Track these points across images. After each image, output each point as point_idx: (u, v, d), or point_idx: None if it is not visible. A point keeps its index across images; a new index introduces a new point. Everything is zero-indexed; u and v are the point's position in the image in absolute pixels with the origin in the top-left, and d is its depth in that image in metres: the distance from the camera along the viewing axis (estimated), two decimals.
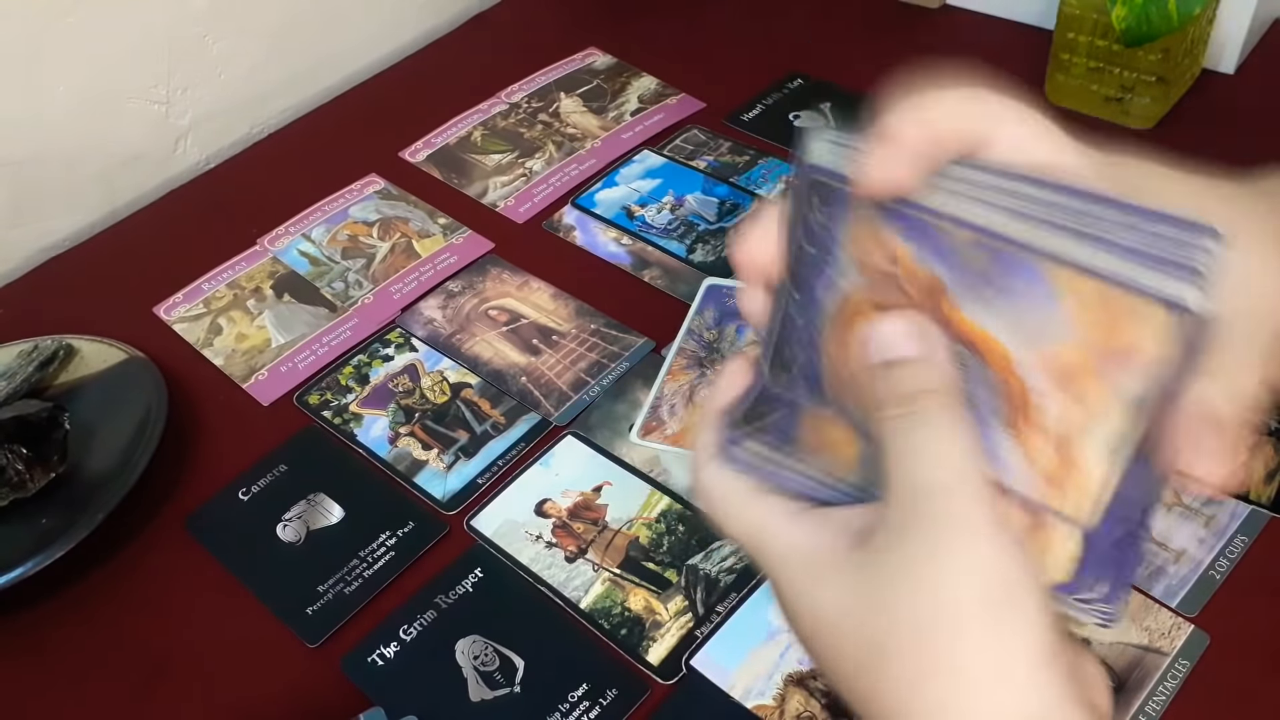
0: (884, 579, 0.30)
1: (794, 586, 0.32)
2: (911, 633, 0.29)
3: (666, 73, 0.93)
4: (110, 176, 0.88)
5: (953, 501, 0.29)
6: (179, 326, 0.77)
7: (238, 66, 0.92)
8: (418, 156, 0.88)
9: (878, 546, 0.30)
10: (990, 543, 0.29)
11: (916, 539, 0.30)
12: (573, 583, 0.59)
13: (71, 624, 0.61)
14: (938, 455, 0.30)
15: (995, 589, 0.29)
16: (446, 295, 0.76)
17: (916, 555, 0.29)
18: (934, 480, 0.30)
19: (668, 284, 0.75)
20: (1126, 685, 0.52)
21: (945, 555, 0.29)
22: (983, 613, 0.29)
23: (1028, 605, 0.29)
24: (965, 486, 0.29)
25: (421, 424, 0.68)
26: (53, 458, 0.64)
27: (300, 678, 0.57)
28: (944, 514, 0.29)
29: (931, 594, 0.29)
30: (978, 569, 0.29)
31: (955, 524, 0.29)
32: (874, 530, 0.31)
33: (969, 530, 0.29)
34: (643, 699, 0.54)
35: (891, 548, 0.30)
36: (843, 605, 0.31)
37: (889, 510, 0.31)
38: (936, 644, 0.29)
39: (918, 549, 0.29)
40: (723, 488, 0.35)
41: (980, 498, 0.29)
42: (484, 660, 0.56)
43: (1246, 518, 0.58)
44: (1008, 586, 0.29)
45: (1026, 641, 0.29)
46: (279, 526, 0.64)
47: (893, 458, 0.31)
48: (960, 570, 0.29)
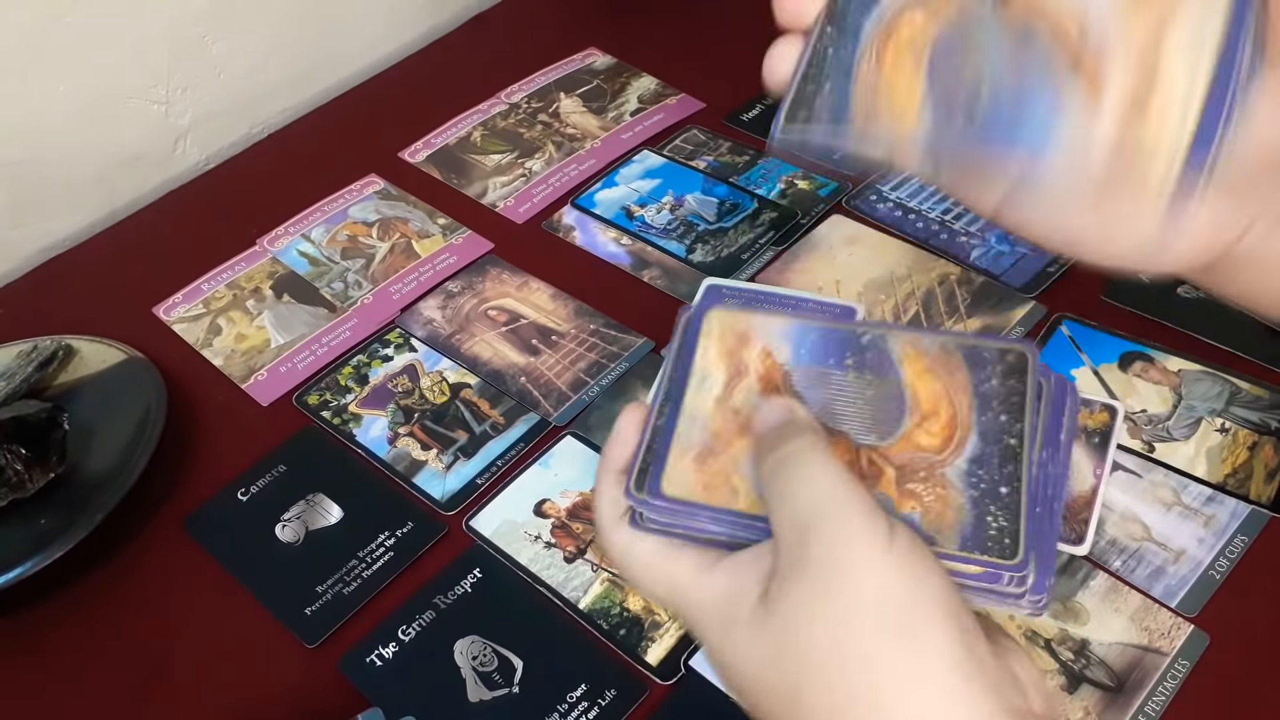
0: (787, 625, 0.30)
1: (713, 639, 0.33)
2: (821, 673, 0.29)
3: (666, 73, 0.93)
4: (110, 177, 0.88)
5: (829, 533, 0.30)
6: (178, 327, 0.77)
7: (238, 66, 0.92)
8: (417, 157, 0.88)
9: (774, 593, 0.31)
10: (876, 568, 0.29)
11: (805, 577, 0.30)
12: (572, 583, 0.59)
13: (70, 624, 0.61)
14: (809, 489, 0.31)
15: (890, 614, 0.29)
16: (446, 295, 0.76)
17: (808, 593, 0.30)
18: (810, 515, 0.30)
19: (667, 284, 0.75)
20: (1126, 685, 0.52)
21: (833, 589, 0.29)
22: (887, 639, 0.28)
23: (931, 623, 0.29)
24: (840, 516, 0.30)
25: (421, 424, 0.68)
26: (52, 458, 0.64)
27: (299, 678, 0.57)
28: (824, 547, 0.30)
29: (825, 629, 0.29)
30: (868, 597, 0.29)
31: (838, 557, 0.29)
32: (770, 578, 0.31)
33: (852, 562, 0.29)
34: (641, 699, 0.54)
35: (786, 593, 0.30)
36: (756, 655, 0.31)
37: (778, 556, 0.31)
38: (848, 680, 0.29)
39: (808, 586, 0.30)
40: (633, 551, 0.35)
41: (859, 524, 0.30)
42: (483, 661, 0.56)
43: (1246, 518, 0.58)
44: (907, 607, 0.29)
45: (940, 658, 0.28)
46: (278, 527, 0.64)
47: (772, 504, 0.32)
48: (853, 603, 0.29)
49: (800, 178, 0.81)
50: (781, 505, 0.31)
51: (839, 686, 0.29)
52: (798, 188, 0.80)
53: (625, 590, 0.58)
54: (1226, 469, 0.60)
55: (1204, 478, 0.60)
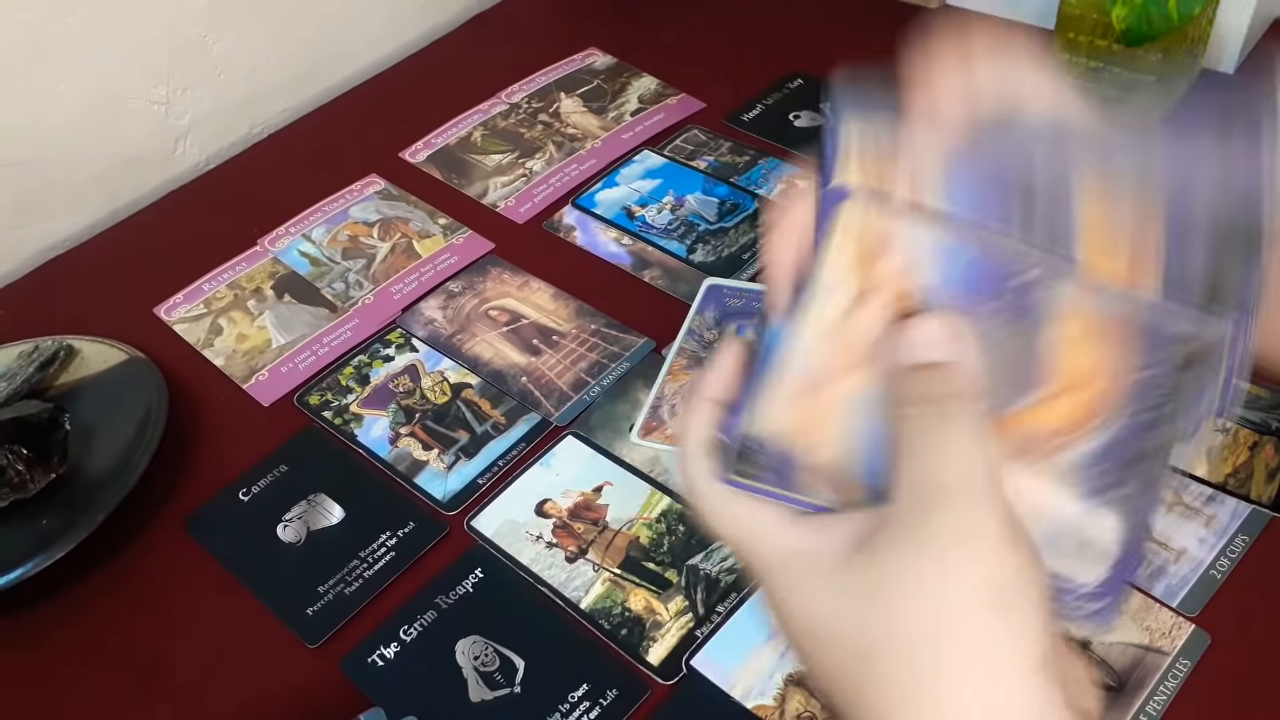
0: (881, 579, 0.30)
1: (785, 588, 0.32)
2: (904, 633, 0.29)
3: (666, 73, 0.93)
4: (110, 177, 0.88)
5: (963, 506, 0.29)
6: (179, 327, 0.77)
7: (238, 66, 0.92)
8: (418, 157, 0.88)
9: (878, 546, 0.30)
10: (993, 548, 0.29)
11: (918, 539, 0.29)
12: (573, 583, 0.59)
13: (71, 624, 0.61)
14: (951, 456, 0.30)
15: (993, 594, 0.29)
16: (447, 295, 0.76)
17: (919, 558, 0.29)
18: (947, 482, 0.29)
19: (668, 284, 0.75)
20: (1127, 685, 0.52)
21: (948, 559, 0.29)
22: (977, 617, 0.28)
23: (1024, 611, 0.29)
24: (974, 490, 0.29)
25: (422, 424, 0.68)
26: (53, 458, 0.64)
27: (300, 678, 0.57)
28: (952, 518, 0.29)
29: (928, 595, 0.29)
30: (980, 575, 0.29)
31: (962, 529, 0.29)
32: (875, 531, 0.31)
33: (975, 536, 0.29)
34: (643, 699, 0.54)
35: (892, 547, 0.30)
36: (837, 605, 0.31)
37: (896, 509, 0.30)
38: (929, 645, 0.29)
39: (921, 551, 0.29)
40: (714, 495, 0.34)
41: (989, 503, 0.29)
42: (484, 660, 0.56)
43: (1247, 517, 0.58)
44: (1006, 592, 0.29)
45: (1019, 647, 0.28)
46: (279, 527, 0.64)
47: (906, 456, 0.30)
48: (959, 573, 0.29)
49: (801, 178, 0.81)
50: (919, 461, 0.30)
51: (922, 652, 0.29)
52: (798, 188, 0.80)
53: (626, 590, 0.59)
54: (1227, 469, 0.60)
55: (1205, 477, 0.60)
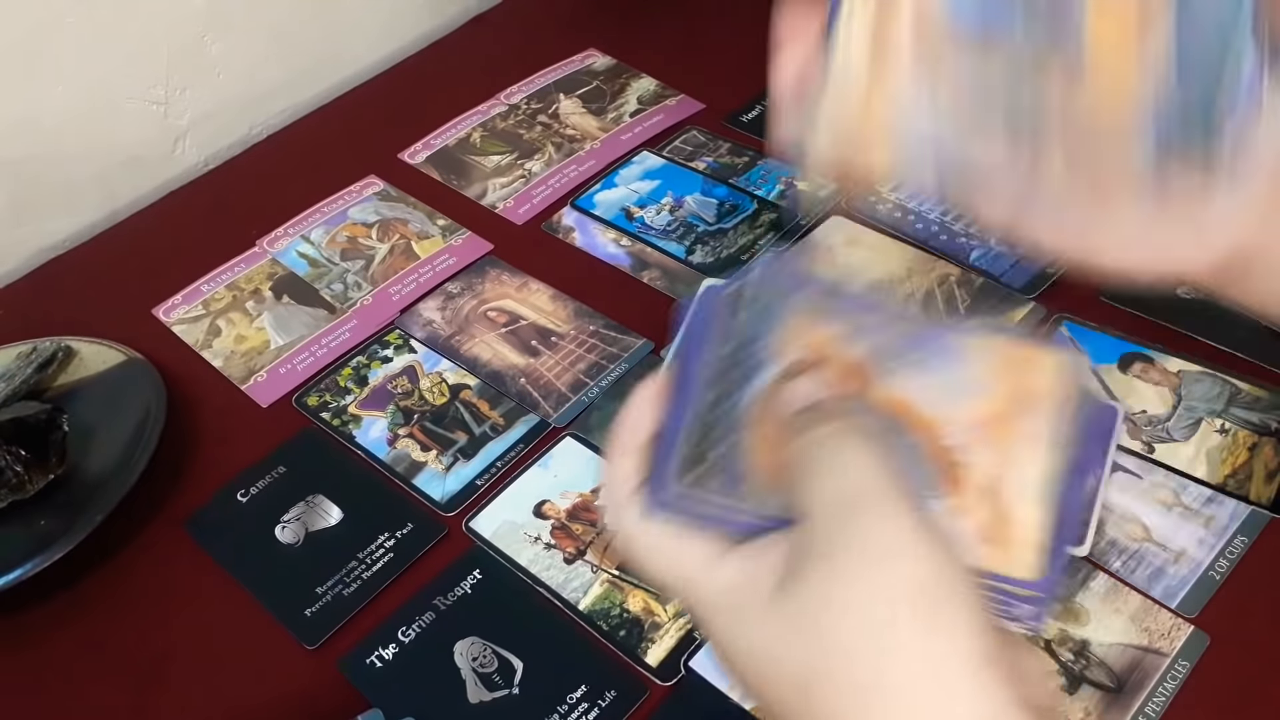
0: (805, 606, 0.30)
1: (720, 628, 0.32)
2: (840, 657, 0.29)
3: (666, 74, 0.93)
4: (109, 177, 0.88)
5: (865, 517, 0.29)
6: (178, 328, 0.77)
7: (237, 66, 0.92)
8: (417, 158, 0.88)
9: (798, 576, 0.30)
10: (908, 554, 0.29)
11: (834, 558, 0.29)
12: (571, 584, 0.59)
13: (70, 625, 0.61)
14: (846, 471, 0.30)
15: (920, 601, 0.28)
16: (445, 297, 0.76)
17: (835, 576, 0.29)
18: (845, 496, 0.30)
19: (667, 285, 0.75)
20: (1126, 686, 0.52)
21: (862, 572, 0.29)
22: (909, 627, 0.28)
23: (957, 612, 0.29)
24: (877, 499, 0.29)
25: (420, 425, 0.68)
26: (51, 459, 0.64)
27: (298, 679, 0.57)
28: (857, 530, 0.29)
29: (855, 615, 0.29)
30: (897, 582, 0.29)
31: (869, 539, 0.29)
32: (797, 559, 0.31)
33: (884, 544, 0.29)
34: (641, 700, 0.54)
35: (813, 571, 0.30)
36: (769, 641, 0.31)
37: (805, 536, 0.30)
38: (866, 664, 0.28)
39: (835, 569, 0.29)
40: (643, 536, 0.34)
41: (894, 509, 0.29)
42: (482, 662, 0.56)
43: (1246, 518, 0.58)
44: (934, 597, 0.28)
45: (959, 649, 0.28)
46: (278, 528, 0.63)
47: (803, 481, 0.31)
48: (879, 586, 0.29)
49: (800, 179, 0.81)
50: (815, 487, 0.31)
51: (860, 673, 0.29)
52: (798, 189, 0.80)
53: (625, 591, 0.58)
54: (1226, 470, 0.60)
55: (1204, 478, 0.60)
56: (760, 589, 0.31)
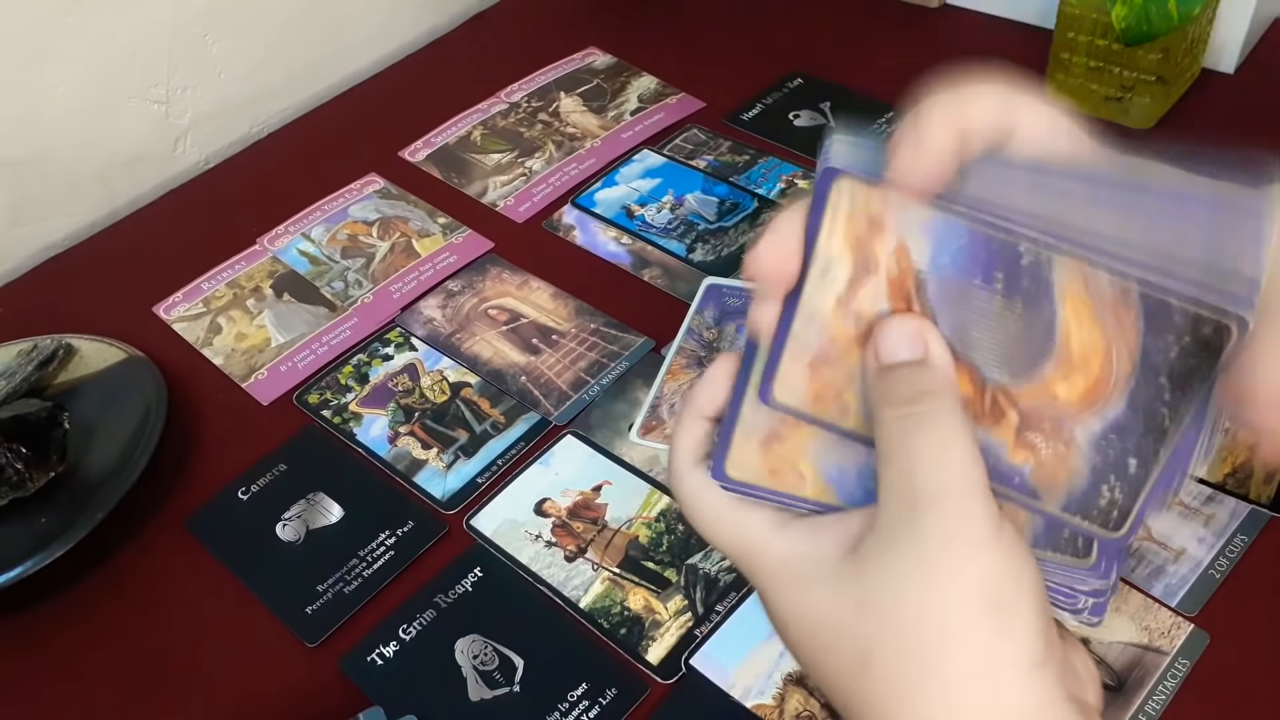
0: (872, 584, 0.30)
1: (780, 596, 0.32)
2: (898, 640, 0.29)
3: (666, 72, 0.93)
4: (110, 176, 0.88)
5: (946, 508, 0.29)
6: (179, 326, 0.77)
7: (238, 66, 0.92)
8: (417, 156, 0.88)
9: (867, 553, 0.30)
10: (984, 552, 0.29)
11: (907, 546, 0.29)
12: (572, 582, 0.59)
13: (71, 623, 0.61)
14: (934, 460, 0.30)
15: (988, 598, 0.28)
16: (446, 295, 0.76)
17: (908, 564, 0.29)
18: (929, 486, 0.29)
19: (667, 283, 0.75)
20: (1126, 685, 0.52)
21: (936, 565, 0.29)
22: (972, 621, 0.28)
23: (1020, 612, 0.29)
24: (960, 493, 0.29)
25: (421, 423, 0.68)
26: (52, 457, 0.64)
27: (299, 677, 0.57)
28: (937, 522, 0.29)
29: (919, 602, 0.29)
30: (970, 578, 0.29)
31: (948, 533, 0.29)
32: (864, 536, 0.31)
33: (962, 540, 0.29)
34: (642, 698, 0.54)
35: (882, 553, 0.30)
36: (830, 613, 0.30)
37: (881, 515, 0.30)
38: (924, 652, 0.29)
39: (908, 556, 0.29)
40: (706, 497, 0.34)
41: (976, 506, 0.29)
42: (483, 659, 0.56)
43: (1246, 517, 0.58)
44: (1001, 595, 0.29)
45: (1017, 647, 0.28)
46: (278, 526, 0.64)
47: (887, 461, 0.30)
48: (951, 580, 0.29)
49: (801, 177, 0.81)
50: (899, 466, 0.30)
51: (916, 658, 0.29)
52: (798, 187, 0.80)
53: (626, 589, 0.59)
54: (1226, 469, 0.60)
55: (1204, 477, 0.60)
56: (826, 561, 0.31)
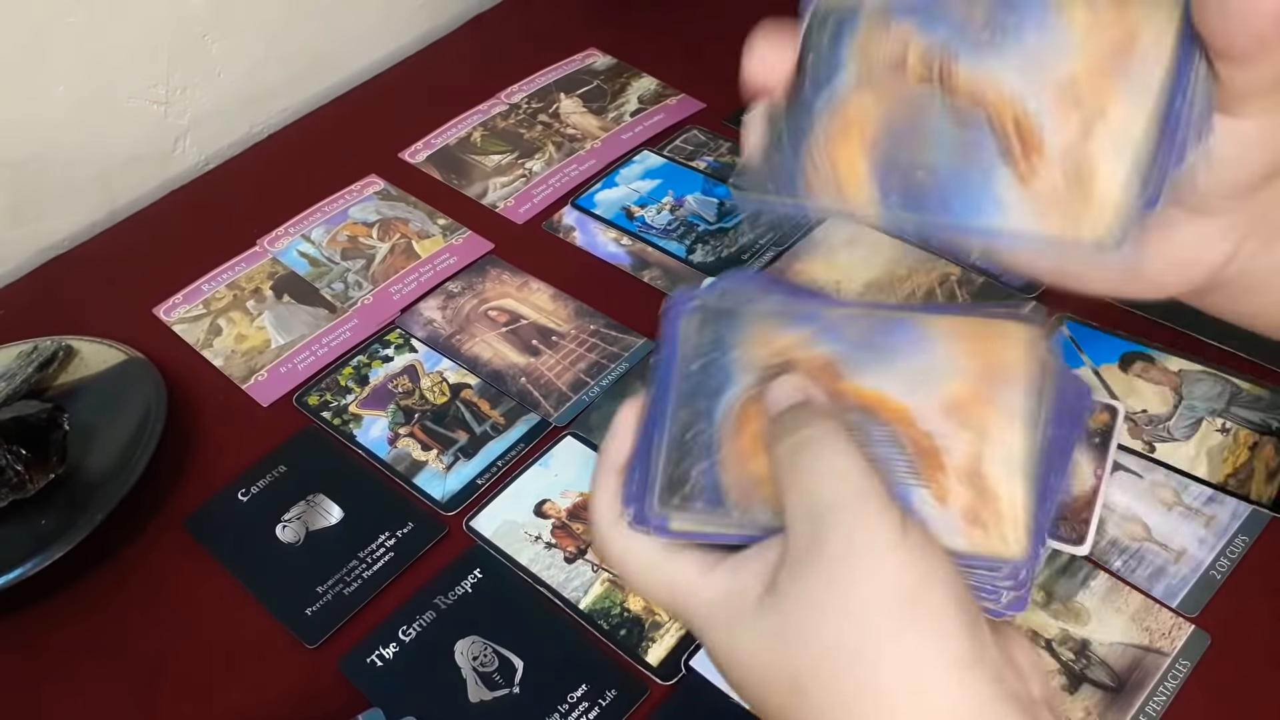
0: (792, 614, 0.30)
1: (716, 640, 0.33)
2: (825, 663, 0.29)
3: (666, 73, 0.93)
4: (110, 177, 0.88)
5: (842, 521, 0.29)
6: (178, 327, 0.77)
7: (237, 66, 0.92)
8: (417, 157, 0.88)
9: (781, 582, 0.30)
10: (888, 558, 0.29)
11: (815, 567, 0.29)
12: (572, 583, 0.59)
13: (71, 624, 0.61)
14: (825, 476, 0.30)
15: (900, 603, 0.28)
16: (446, 296, 0.76)
17: (817, 583, 0.29)
18: (824, 502, 0.30)
19: (668, 284, 0.75)
20: (1127, 685, 0.52)
21: (844, 578, 0.29)
22: (891, 630, 0.28)
23: (939, 612, 0.29)
24: (856, 503, 0.29)
25: (421, 425, 0.68)
26: (52, 458, 0.64)
27: (299, 678, 0.57)
28: (837, 536, 0.29)
29: (835, 622, 0.29)
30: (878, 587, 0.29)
31: (848, 544, 0.29)
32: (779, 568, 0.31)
33: (864, 549, 0.29)
34: (642, 699, 0.54)
35: (794, 580, 0.30)
36: (761, 649, 0.31)
37: (789, 542, 0.30)
38: (851, 670, 0.29)
39: (817, 577, 0.29)
40: (632, 554, 0.34)
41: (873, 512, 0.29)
42: (483, 661, 0.56)
43: (1247, 518, 0.58)
44: (914, 598, 0.29)
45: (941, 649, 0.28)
46: (278, 527, 0.63)
47: (786, 491, 0.31)
48: (861, 591, 0.29)
49: None
50: (796, 493, 0.31)
51: (845, 677, 0.29)
52: None
53: (625, 590, 0.58)
54: (1227, 469, 0.60)
55: (1205, 478, 0.60)
56: (748, 598, 0.31)
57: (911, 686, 0.28)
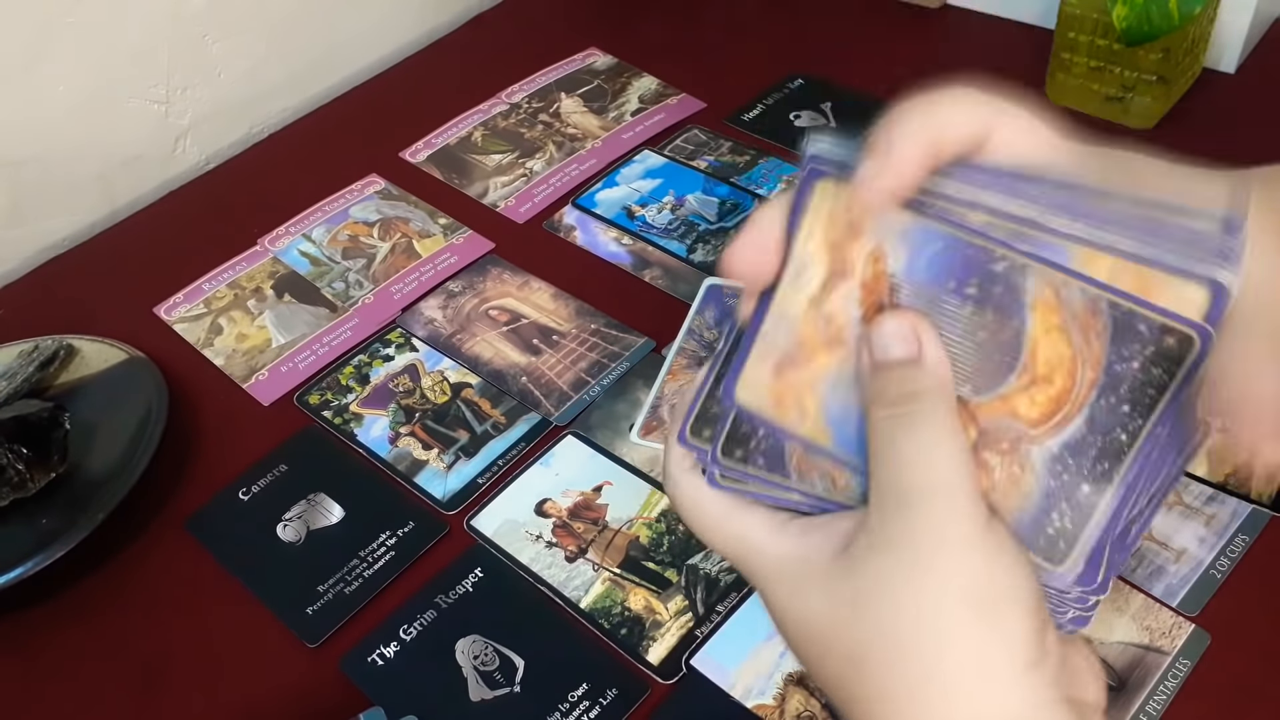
0: (864, 586, 0.30)
1: (779, 597, 0.32)
2: (892, 643, 0.29)
3: (667, 73, 0.93)
4: (110, 176, 0.88)
5: (936, 510, 0.29)
6: (179, 326, 0.77)
7: (238, 66, 0.92)
8: (418, 157, 0.88)
9: (857, 552, 0.30)
10: (973, 552, 0.29)
11: (897, 548, 0.29)
12: (573, 582, 0.59)
13: (71, 624, 0.61)
14: (923, 461, 0.30)
15: (978, 599, 0.28)
16: (447, 295, 0.76)
17: (897, 564, 0.29)
18: (918, 486, 0.29)
19: (668, 284, 0.75)
20: (1127, 685, 0.52)
21: (926, 566, 0.29)
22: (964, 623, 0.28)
23: (1012, 613, 0.29)
24: (949, 494, 0.29)
25: (422, 424, 0.68)
26: (53, 458, 0.64)
27: (300, 678, 0.57)
28: (925, 523, 0.29)
29: (911, 604, 0.29)
30: (959, 579, 0.29)
31: (937, 534, 0.29)
32: (855, 535, 0.31)
33: (951, 540, 0.29)
34: (643, 699, 0.54)
35: (872, 553, 0.30)
36: (825, 614, 0.31)
37: (872, 516, 0.30)
38: (917, 654, 0.29)
39: (898, 558, 0.29)
40: (703, 501, 0.34)
41: (965, 506, 0.29)
42: (484, 660, 0.56)
43: (1247, 517, 0.58)
44: (991, 596, 0.29)
45: (1010, 648, 0.28)
46: (279, 526, 0.64)
47: (878, 460, 0.30)
48: (941, 581, 0.29)
49: None
50: (890, 465, 0.30)
51: (910, 661, 0.29)
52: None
53: (626, 589, 0.59)
54: (1228, 469, 0.60)
55: (1205, 477, 0.60)
56: (820, 562, 0.31)
57: (974, 680, 0.28)
